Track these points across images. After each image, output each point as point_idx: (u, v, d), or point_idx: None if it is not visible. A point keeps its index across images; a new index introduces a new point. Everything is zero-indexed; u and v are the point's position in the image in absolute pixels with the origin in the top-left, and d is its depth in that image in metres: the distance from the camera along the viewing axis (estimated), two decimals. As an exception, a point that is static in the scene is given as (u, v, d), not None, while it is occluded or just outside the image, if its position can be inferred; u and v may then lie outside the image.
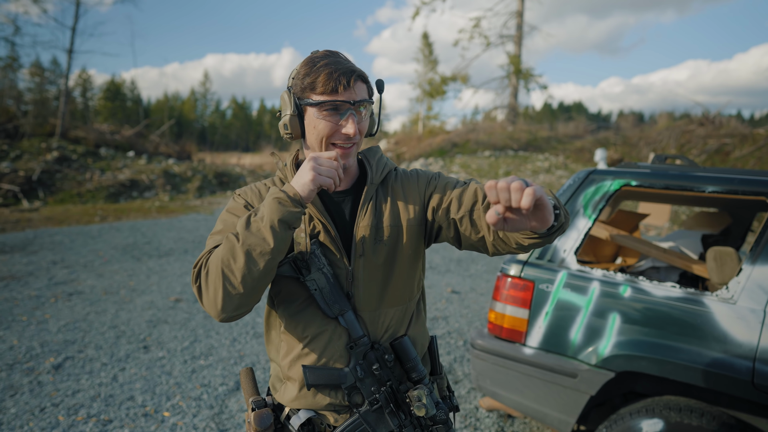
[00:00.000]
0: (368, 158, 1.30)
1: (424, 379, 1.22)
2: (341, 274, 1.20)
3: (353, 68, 1.15)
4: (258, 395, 1.29)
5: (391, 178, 1.31)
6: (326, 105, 1.12)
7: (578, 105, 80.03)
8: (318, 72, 1.12)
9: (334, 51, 1.19)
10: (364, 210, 1.22)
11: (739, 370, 1.94)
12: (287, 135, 1.21)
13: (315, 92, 1.13)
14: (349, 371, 1.19)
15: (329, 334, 1.20)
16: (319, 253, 1.18)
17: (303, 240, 1.18)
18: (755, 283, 2.02)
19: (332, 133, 1.15)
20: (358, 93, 1.14)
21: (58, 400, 3.25)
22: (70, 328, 4.52)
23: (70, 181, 15.06)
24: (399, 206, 1.26)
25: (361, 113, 1.17)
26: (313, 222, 1.21)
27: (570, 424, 2.32)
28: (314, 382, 1.18)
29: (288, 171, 1.26)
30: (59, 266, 6.69)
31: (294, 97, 1.17)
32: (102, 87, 52.57)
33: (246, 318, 4.91)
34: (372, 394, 1.20)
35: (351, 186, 1.28)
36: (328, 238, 1.20)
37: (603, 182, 2.46)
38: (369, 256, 1.21)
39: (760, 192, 2.19)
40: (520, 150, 21.38)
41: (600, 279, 2.29)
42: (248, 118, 76.86)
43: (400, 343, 1.21)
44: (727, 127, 17.16)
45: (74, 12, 19.94)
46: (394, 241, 1.23)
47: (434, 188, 1.27)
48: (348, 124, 1.14)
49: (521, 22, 25.17)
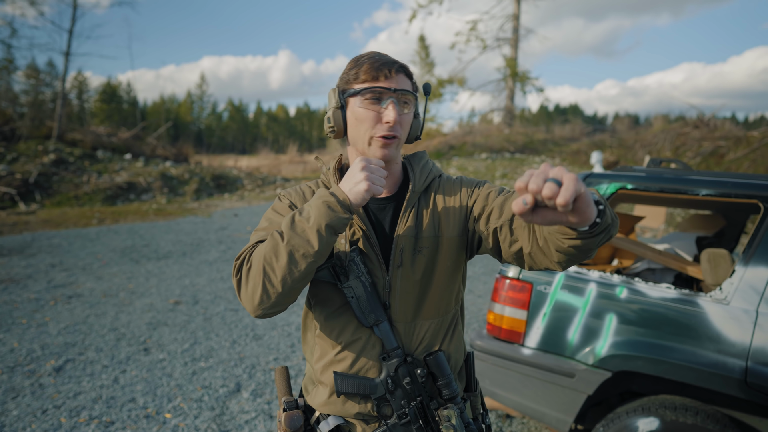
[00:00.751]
0: (412, 164, 1.27)
1: (456, 397, 1.18)
2: (379, 283, 1.18)
3: (396, 60, 1.15)
4: (291, 395, 1.27)
5: (435, 185, 1.27)
6: (367, 92, 1.12)
7: (574, 107, 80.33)
8: (361, 64, 1.13)
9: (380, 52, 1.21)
10: (404, 218, 1.20)
11: (732, 369, 1.99)
12: (330, 130, 1.20)
13: (357, 81, 1.13)
14: (380, 382, 1.17)
15: (363, 343, 1.18)
16: (358, 260, 1.15)
17: (343, 246, 1.17)
18: (748, 284, 2.07)
19: (374, 123, 1.13)
20: (400, 83, 1.13)
21: (60, 402, 3.27)
22: (70, 330, 4.53)
23: (67, 184, 15.05)
24: (440, 216, 1.23)
25: (404, 105, 1.15)
26: (353, 228, 1.19)
27: (568, 423, 2.36)
28: (344, 390, 1.16)
29: (331, 176, 1.23)
30: (58, 269, 6.70)
31: (338, 91, 1.17)
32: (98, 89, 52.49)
33: (245, 320, 4.94)
34: (401, 407, 1.17)
35: (394, 193, 1.25)
36: (368, 245, 1.18)
37: (600, 185, 2.50)
38: (407, 267, 1.18)
39: (752, 195, 2.23)
40: (517, 152, 21.47)
41: (597, 280, 2.33)
42: (245, 121, 76.84)
43: (435, 359, 1.17)
44: (721, 129, 17.27)
45: (71, 14, 19.95)
46: (433, 252, 1.20)
47: (477, 197, 1.22)
48: (388, 110, 1.11)
49: (517, 25, 25.29)
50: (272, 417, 3.20)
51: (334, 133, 1.20)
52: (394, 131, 1.13)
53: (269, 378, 3.73)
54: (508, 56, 25.48)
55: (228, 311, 5.21)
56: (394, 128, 1.12)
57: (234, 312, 5.19)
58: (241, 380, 3.68)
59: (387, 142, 1.14)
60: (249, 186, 18.42)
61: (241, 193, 17.32)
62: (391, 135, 1.13)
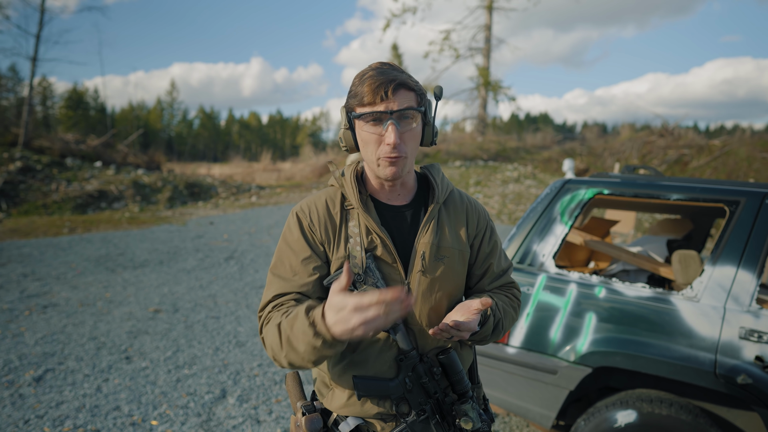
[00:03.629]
0: (433, 175, 1.33)
1: (468, 392, 1.25)
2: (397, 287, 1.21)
3: (395, 77, 1.14)
4: (306, 400, 1.30)
5: (451, 199, 1.35)
6: (367, 117, 1.15)
7: (545, 116, 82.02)
8: (363, 84, 1.15)
9: (388, 62, 1.21)
10: (426, 227, 1.26)
11: (703, 363, 2.12)
12: (344, 148, 1.25)
13: (359, 103, 1.16)
14: (399, 383, 1.21)
15: (380, 346, 1.22)
16: (374, 267, 1.20)
17: (359, 254, 1.21)
18: (716, 282, 2.22)
19: (377, 145, 1.17)
20: (400, 102, 1.14)
21: (42, 412, 3.23)
22: (47, 340, 4.46)
23: (35, 192, 14.65)
24: (459, 229, 1.32)
25: (407, 121, 1.17)
26: (371, 236, 1.23)
27: (551, 418, 2.46)
28: (365, 393, 1.19)
29: (347, 183, 1.26)
30: (30, 279, 6.55)
31: (346, 111, 1.21)
32: (63, 95, 51.24)
33: (227, 328, 4.93)
34: (420, 405, 1.22)
35: (410, 201, 1.31)
36: (386, 252, 1.23)
37: (578, 191, 2.64)
38: (426, 272, 1.24)
39: (719, 199, 2.40)
40: (490, 160, 21.83)
41: (577, 281, 2.45)
42: (216, 128, 76.02)
43: (448, 357, 1.23)
44: (685, 138, 17.96)
45: (38, 19, 19.50)
46: (451, 261, 1.28)
47: (482, 241, 1.37)
48: (387, 133, 1.14)
49: (489, 36, 25.76)
50: (259, 422, 3.22)
51: (348, 151, 1.26)
52: (397, 152, 1.15)
53: (254, 384, 3.75)
54: (481, 65, 25.91)
55: (209, 319, 5.19)
56: (397, 149, 1.15)
57: (215, 319, 5.18)
58: (226, 386, 3.69)
59: (392, 160, 1.17)
60: (223, 194, 18.24)
61: (216, 201, 17.14)
62: (395, 156, 1.16)
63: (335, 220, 1.26)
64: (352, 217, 1.26)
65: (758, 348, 2.06)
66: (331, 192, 1.31)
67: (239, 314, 5.38)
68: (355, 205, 1.24)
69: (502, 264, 1.41)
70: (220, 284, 6.59)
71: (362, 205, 1.24)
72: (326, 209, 1.27)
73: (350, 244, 1.23)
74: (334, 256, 1.24)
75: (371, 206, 1.27)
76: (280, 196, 18.22)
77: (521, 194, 15.91)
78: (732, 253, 2.24)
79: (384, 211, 1.28)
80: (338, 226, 1.26)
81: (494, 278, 1.39)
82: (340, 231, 1.25)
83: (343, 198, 1.29)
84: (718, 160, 15.85)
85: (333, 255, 1.24)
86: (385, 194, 1.29)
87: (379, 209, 1.28)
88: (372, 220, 1.22)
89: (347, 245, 1.23)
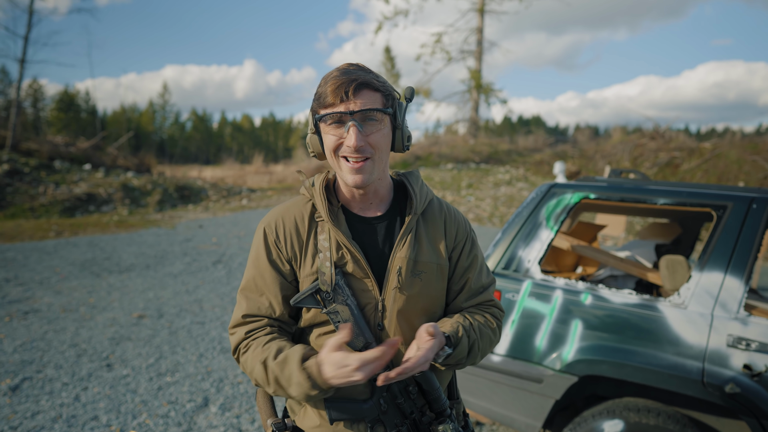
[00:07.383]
0: (411, 184, 1.23)
1: (446, 410, 1.18)
2: (370, 304, 1.16)
3: (356, 77, 1.07)
4: (277, 417, 1.23)
5: (430, 209, 1.26)
6: (327, 118, 1.09)
7: (537, 119, 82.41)
8: (326, 85, 1.08)
9: (356, 63, 1.14)
10: (403, 241, 1.18)
11: (690, 371, 2.07)
12: (312, 154, 1.19)
13: (322, 105, 1.09)
14: (373, 404, 1.14)
15: None
16: (343, 284, 1.13)
17: (328, 270, 1.13)
18: (703, 288, 2.17)
19: (337, 146, 1.10)
20: (363, 102, 1.07)
21: (17, 423, 3.13)
22: (27, 347, 4.35)
23: (22, 195, 14.47)
24: (437, 242, 1.23)
25: (371, 123, 1.09)
26: (341, 251, 1.15)
27: (536, 428, 2.41)
28: (337, 418, 1.12)
29: (316, 195, 1.18)
30: (12, 284, 6.43)
31: (312, 114, 1.14)
32: (54, 97, 50.79)
33: (212, 334, 4.84)
34: (396, 426, 1.15)
35: (385, 212, 1.23)
36: (357, 267, 1.15)
37: (564, 195, 2.59)
38: (403, 289, 1.16)
39: (706, 204, 2.35)
40: (482, 163, 21.85)
41: (563, 288, 2.40)
42: (209, 131, 75.74)
43: (424, 375, 1.15)
44: (676, 141, 18.03)
45: (27, 21, 19.30)
46: (429, 277, 1.20)
47: (461, 254, 1.28)
48: (348, 135, 1.07)
49: (482, 38, 25.82)
50: (241, 431, 3.15)
51: (316, 157, 1.19)
52: (361, 153, 1.08)
53: (237, 392, 3.67)
54: (473, 68, 25.96)
55: (194, 324, 5.11)
56: (361, 150, 1.08)
57: (200, 325, 5.09)
58: (208, 394, 3.61)
59: (356, 166, 1.10)
60: (214, 197, 18.11)
61: (206, 204, 17.01)
62: (357, 158, 1.09)
63: (303, 234, 1.19)
64: (322, 230, 1.18)
65: (746, 356, 2.02)
66: (300, 202, 1.23)
67: (225, 320, 5.29)
68: (324, 218, 1.16)
69: (482, 280, 1.31)
70: (207, 289, 6.50)
71: (331, 217, 1.17)
72: (294, 223, 1.20)
73: (319, 259, 1.16)
74: (303, 273, 1.17)
75: (342, 219, 1.18)
76: (271, 198, 18.12)
77: (513, 197, 15.91)
78: (719, 258, 2.20)
79: (356, 223, 1.20)
80: (306, 241, 1.19)
81: (471, 295, 1.28)
82: (308, 245, 1.18)
83: (314, 209, 1.22)
84: (708, 163, 15.91)
85: (301, 272, 1.18)
86: (357, 205, 1.22)
87: (350, 221, 1.20)
88: (342, 233, 1.15)
89: (316, 260, 1.16)
